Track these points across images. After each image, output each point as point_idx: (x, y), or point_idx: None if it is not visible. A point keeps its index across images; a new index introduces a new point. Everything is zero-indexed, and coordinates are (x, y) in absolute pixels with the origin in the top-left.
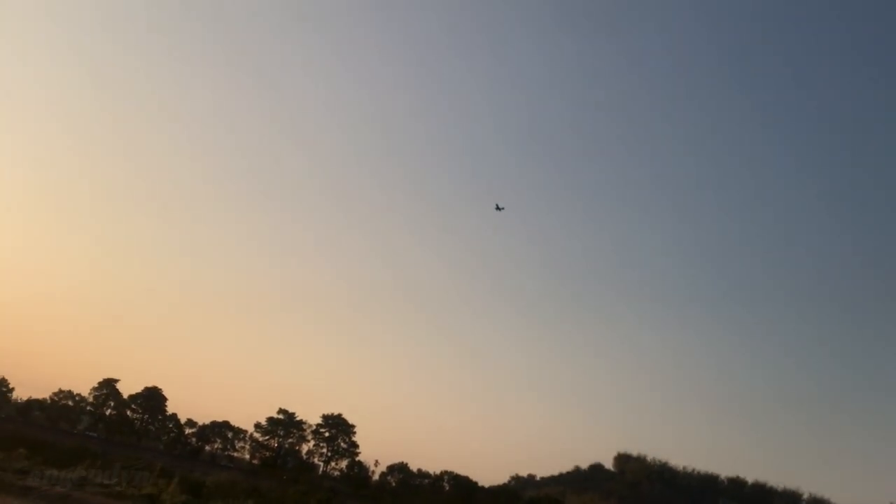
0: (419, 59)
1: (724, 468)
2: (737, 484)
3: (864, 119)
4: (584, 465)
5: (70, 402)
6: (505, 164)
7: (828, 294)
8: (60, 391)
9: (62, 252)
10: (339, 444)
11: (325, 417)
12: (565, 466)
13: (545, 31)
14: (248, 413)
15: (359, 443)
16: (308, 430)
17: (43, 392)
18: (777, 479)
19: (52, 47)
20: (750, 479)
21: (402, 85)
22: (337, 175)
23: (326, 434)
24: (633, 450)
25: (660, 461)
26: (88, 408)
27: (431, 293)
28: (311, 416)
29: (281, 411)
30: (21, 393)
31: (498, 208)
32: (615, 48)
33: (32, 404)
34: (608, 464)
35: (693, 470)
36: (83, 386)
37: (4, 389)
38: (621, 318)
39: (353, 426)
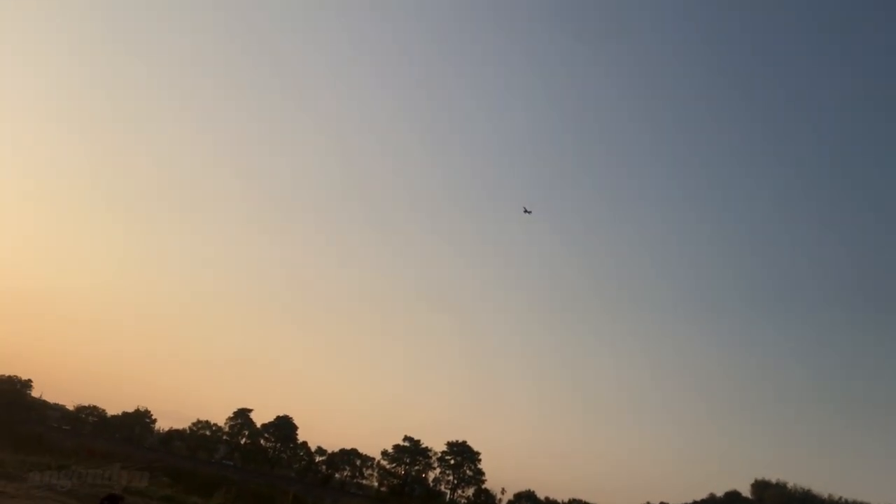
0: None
1: (880, 497)
2: None
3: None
4: (720, 492)
5: (207, 433)
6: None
7: None
8: (199, 422)
9: (199, 295)
10: (464, 471)
11: (450, 444)
12: (699, 493)
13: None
14: (375, 440)
15: (484, 470)
16: (434, 458)
17: (183, 423)
18: None
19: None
20: None
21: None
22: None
23: (452, 461)
24: (773, 476)
25: (802, 488)
26: (224, 437)
27: (562, 308)
28: (436, 442)
29: (406, 439)
30: (163, 424)
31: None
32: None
33: (173, 435)
34: (745, 491)
35: (840, 498)
36: (219, 416)
37: (148, 421)
38: (753, 332)
39: (478, 453)
